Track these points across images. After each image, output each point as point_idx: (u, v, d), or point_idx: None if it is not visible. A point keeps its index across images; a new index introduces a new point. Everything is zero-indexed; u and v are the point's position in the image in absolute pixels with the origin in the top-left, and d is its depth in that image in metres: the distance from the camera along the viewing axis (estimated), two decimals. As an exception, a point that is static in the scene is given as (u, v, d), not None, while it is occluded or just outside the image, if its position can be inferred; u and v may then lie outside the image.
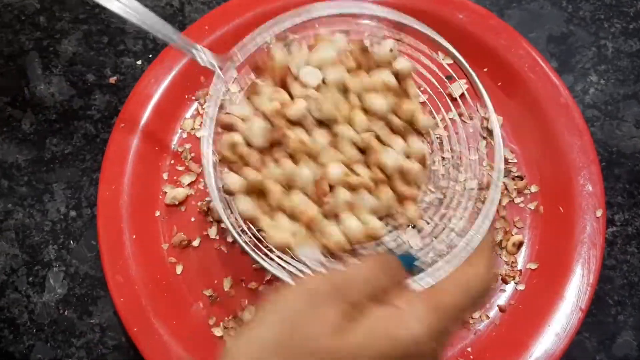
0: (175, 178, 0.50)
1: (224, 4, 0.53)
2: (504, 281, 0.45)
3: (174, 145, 0.51)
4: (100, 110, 0.53)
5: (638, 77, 0.52)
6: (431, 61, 0.42)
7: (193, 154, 0.50)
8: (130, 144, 0.49)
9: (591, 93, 0.52)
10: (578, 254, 0.44)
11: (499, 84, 0.50)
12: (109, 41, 0.56)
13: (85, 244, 0.49)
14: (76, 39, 0.56)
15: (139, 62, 0.55)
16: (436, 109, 0.48)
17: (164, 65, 0.51)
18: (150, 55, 0.55)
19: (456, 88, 0.42)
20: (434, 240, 0.43)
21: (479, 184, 0.44)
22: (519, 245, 0.46)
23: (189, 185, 0.49)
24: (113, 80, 0.54)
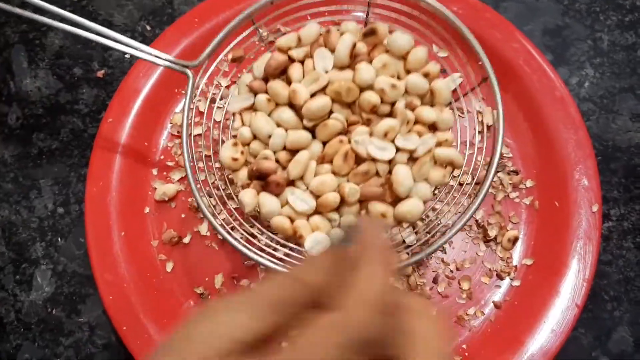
0: (165, 174, 0.49)
1: (214, -5, 0.52)
2: (499, 277, 0.45)
3: (163, 140, 0.50)
4: (87, 104, 0.52)
5: (634, 70, 0.52)
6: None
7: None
8: (118, 139, 0.48)
9: (587, 86, 0.51)
10: (574, 250, 0.44)
11: (494, 77, 0.49)
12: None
13: (73, 241, 0.48)
14: (62, 31, 0.54)
15: (127, 56, 0.53)
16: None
17: (153, 58, 0.50)
18: (139, 49, 0.54)
19: (450, 82, 0.42)
20: (428, 235, 0.42)
21: (473, 179, 0.43)
22: (514, 240, 0.45)
23: (179, 181, 0.48)
24: (101, 73, 0.53)
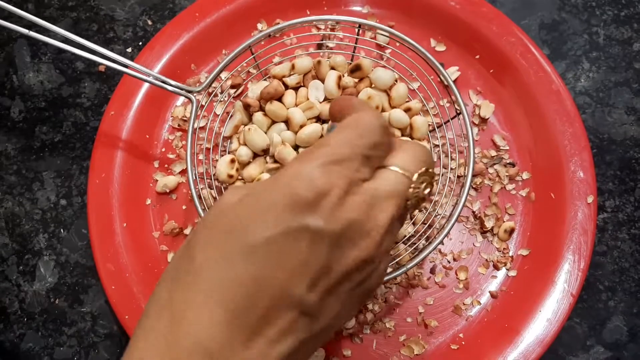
0: (166, 166, 0.49)
1: (214, -10, 0.53)
2: (496, 267, 0.46)
3: (164, 133, 0.50)
4: (90, 98, 0.53)
5: (629, 64, 0.52)
6: (427, 50, 0.42)
7: (184, 142, 0.50)
8: (120, 132, 0.48)
9: (583, 80, 0.52)
10: (569, 240, 0.44)
11: (491, 71, 0.50)
12: (98, 29, 0.55)
13: (75, 233, 0.49)
14: (65, 26, 0.55)
15: (129, 50, 0.54)
16: (426, 97, 0.48)
17: (154, 52, 0.50)
18: (140, 43, 0.54)
19: (448, 76, 0.42)
20: (425, 225, 0.43)
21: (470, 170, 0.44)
22: (510, 231, 0.46)
23: (180, 173, 0.49)
24: (102, 68, 0.54)
